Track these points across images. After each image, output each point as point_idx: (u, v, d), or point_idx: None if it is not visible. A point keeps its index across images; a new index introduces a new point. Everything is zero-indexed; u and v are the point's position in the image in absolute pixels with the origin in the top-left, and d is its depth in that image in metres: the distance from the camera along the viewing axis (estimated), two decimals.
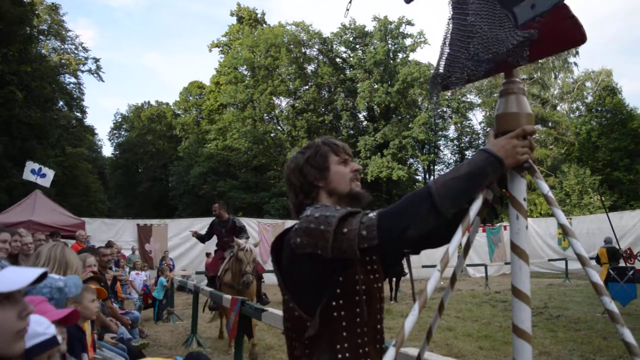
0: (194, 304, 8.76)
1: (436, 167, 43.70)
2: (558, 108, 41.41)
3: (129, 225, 18.67)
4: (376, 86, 37.13)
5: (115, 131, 51.71)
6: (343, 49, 42.13)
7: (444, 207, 1.46)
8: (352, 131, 40.14)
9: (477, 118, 45.17)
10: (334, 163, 1.90)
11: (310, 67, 41.77)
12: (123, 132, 51.25)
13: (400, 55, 39.94)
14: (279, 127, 42.53)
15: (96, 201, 38.66)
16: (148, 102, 51.23)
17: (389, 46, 39.22)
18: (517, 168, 1.60)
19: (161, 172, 45.74)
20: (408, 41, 39.70)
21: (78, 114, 36.48)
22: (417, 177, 42.01)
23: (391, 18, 39.42)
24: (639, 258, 15.71)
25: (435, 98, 1.84)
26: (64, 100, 34.35)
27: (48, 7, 33.77)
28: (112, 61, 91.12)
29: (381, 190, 36.04)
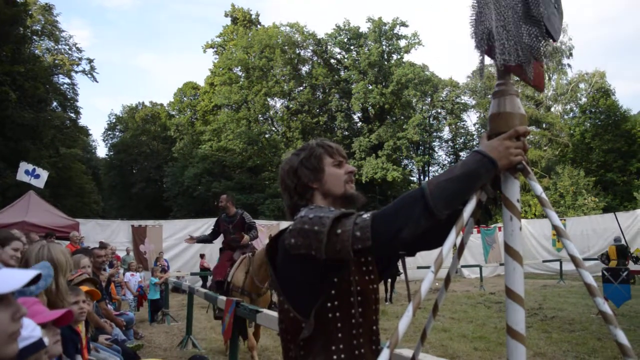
0: (189, 305, 8.73)
1: (431, 169, 43.85)
2: (552, 109, 41.53)
3: (124, 226, 18.63)
4: (371, 87, 37.21)
5: (109, 132, 51.56)
6: (337, 50, 42.20)
7: (438, 209, 1.46)
8: (347, 132, 40.21)
9: (472, 119, 45.21)
10: (329, 165, 1.90)
11: (304, 68, 41.82)
12: (117, 133, 51.09)
13: (394, 56, 40.04)
14: (274, 128, 42.55)
15: (90, 202, 38.52)
16: (142, 103, 51.23)
17: (384, 47, 39.30)
18: (511, 169, 1.60)
19: (156, 173, 45.62)
20: (402, 42, 39.80)
21: (72, 115, 36.36)
22: (412, 178, 42.07)
23: (385, 19, 39.55)
24: (634, 259, 15.76)
25: (481, 59, 1.71)
26: (58, 100, 34.22)
27: (42, 8, 33.65)
28: (106, 62, 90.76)
29: (376, 191, 36.07)
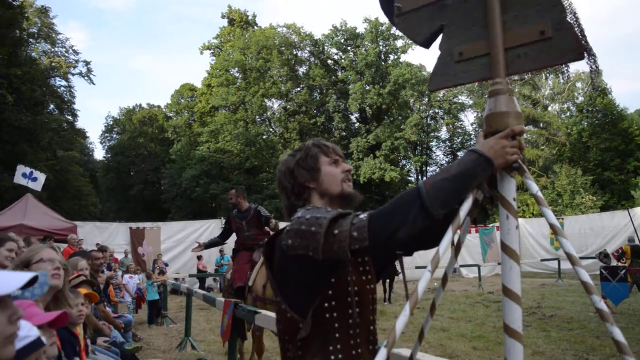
0: (188, 307, 8.72)
1: (428, 168, 43.84)
2: (549, 109, 41.60)
3: (122, 228, 18.60)
4: (368, 88, 37.20)
5: (106, 134, 51.51)
6: (334, 51, 42.23)
7: (434, 208, 1.47)
8: (345, 133, 40.21)
9: (469, 119, 45.30)
10: (325, 164, 1.90)
11: (301, 69, 41.83)
12: (115, 135, 51.03)
13: (391, 56, 40.03)
14: (271, 129, 42.53)
15: (88, 204, 38.45)
16: (139, 105, 51.14)
17: (380, 48, 39.30)
18: (507, 168, 1.60)
19: (153, 175, 45.59)
20: (399, 43, 39.78)
21: (69, 117, 36.30)
22: (410, 178, 42.09)
23: (382, 20, 39.52)
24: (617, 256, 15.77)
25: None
26: (55, 103, 34.18)
27: (38, 10, 33.60)
28: (103, 64, 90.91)
29: (374, 191, 36.08)
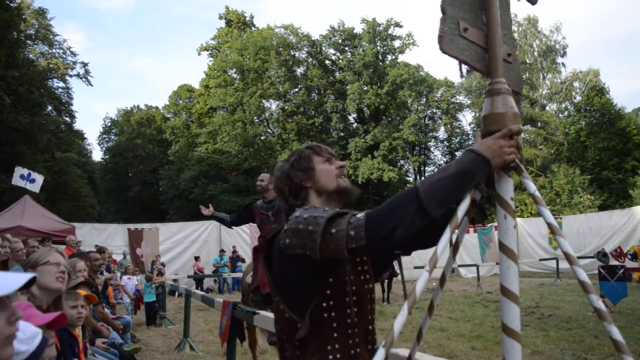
0: (186, 308, 8.72)
1: (427, 169, 43.86)
2: (547, 108, 41.61)
3: (120, 229, 18.61)
4: (365, 88, 37.23)
5: (104, 135, 51.49)
6: (332, 51, 42.24)
7: (432, 208, 1.47)
8: (343, 133, 40.22)
9: (467, 119, 45.28)
10: (319, 162, 1.94)
11: (299, 70, 41.83)
12: (113, 137, 51.01)
13: (389, 57, 40.09)
14: (269, 130, 42.54)
15: (86, 206, 38.44)
16: (137, 106, 51.14)
17: (378, 48, 39.34)
18: (504, 168, 1.61)
19: (151, 176, 45.59)
20: (397, 43, 39.87)
21: (67, 119, 36.20)
22: (408, 179, 42.10)
23: (380, 20, 39.64)
24: (629, 257, 15.78)
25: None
26: (53, 105, 34.10)
27: (35, 12, 33.56)
28: (101, 65, 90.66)
29: (372, 191, 36.09)
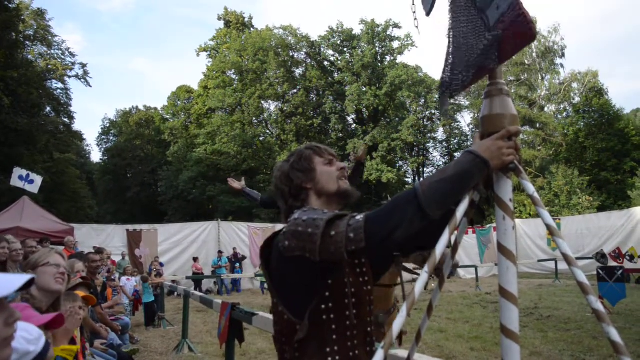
0: (185, 309, 8.71)
1: (425, 170, 43.88)
2: (545, 109, 41.65)
3: (119, 230, 18.58)
4: (364, 89, 37.28)
5: (103, 136, 51.52)
6: (331, 52, 42.29)
7: (431, 209, 1.47)
8: (341, 134, 40.24)
9: (466, 120, 45.31)
10: (319, 164, 1.93)
11: (298, 71, 41.87)
12: (111, 138, 51.04)
13: (388, 58, 40.14)
14: (268, 131, 42.55)
15: (85, 207, 38.40)
16: (136, 107, 51.21)
17: (377, 49, 39.38)
18: (503, 169, 1.61)
19: (150, 177, 45.59)
20: (396, 44, 39.93)
21: (66, 120, 36.18)
22: (407, 180, 42.12)
23: (378, 21, 39.70)
24: (628, 258, 15.80)
25: (445, 107, 1.89)
26: (51, 106, 34.10)
27: (34, 13, 33.56)
28: (100, 66, 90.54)
29: (371, 193, 36.09)
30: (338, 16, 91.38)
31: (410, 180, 42.75)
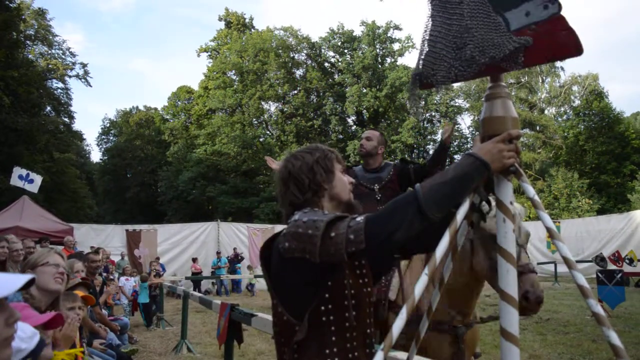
0: (184, 310, 8.71)
1: None
2: (546, 112, 41.68)
3: (118, 230, 18.58)
4: (365, 91, 37.27)
5: (103, 136, 51.41)
6: (331, 54, 42.25)
7: (430, 212, 1.47)
8: (341, 136, 40.21)
9: (466, 122, 45.29)
10: (338, 170, 1.93)
11: (298, 72, 41.84)
12: (111, 138, 50.95)
13: (388, 59, 40.11)
14: (268, 132, 42.52)
15: (84, 207, 38.33)
16: (136, 107, 51.12)
17: (377, 51, 39.35)
18: (504, 172, 1.61)
19: (150, 178, 45.52)
20: (396, 46, 39.90)
21: (66, 120, 36.18)
22: None
23: (379, 23, 39.65)
24: (627, 261, 15.81)
25: (414, 97, 1.89)
26: (52, 105, 34.07)
27: (35, 12, 33.54)
28: (100, 66, 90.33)
29: None
30: (339, 17, 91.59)
31: None
